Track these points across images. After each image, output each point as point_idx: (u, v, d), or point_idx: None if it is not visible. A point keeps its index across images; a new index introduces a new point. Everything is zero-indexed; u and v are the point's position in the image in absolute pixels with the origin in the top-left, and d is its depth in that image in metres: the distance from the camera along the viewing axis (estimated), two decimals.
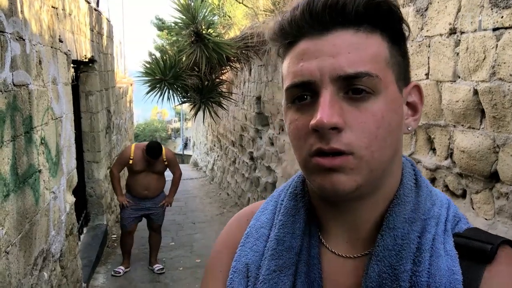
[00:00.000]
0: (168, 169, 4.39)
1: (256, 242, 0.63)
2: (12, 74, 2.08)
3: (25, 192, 2.25)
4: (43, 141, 2.62)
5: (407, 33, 0.57)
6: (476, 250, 0.53)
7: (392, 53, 0.55)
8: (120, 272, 4.32)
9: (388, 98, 0.53)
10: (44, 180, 2.62)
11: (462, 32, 1.98)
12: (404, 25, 0.56)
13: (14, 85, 2.11)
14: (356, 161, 0.51)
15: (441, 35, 2.11)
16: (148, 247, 4.59)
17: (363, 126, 0.51)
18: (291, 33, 0.55)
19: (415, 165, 0.62)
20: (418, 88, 0.59)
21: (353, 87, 0.51)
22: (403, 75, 0.57)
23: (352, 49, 0.52)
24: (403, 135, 0.59)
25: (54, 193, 2.85)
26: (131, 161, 4.17)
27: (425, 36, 2.24)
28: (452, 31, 2.04)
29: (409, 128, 0.58)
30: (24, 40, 2.29)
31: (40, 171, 2.54)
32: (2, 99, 1.94)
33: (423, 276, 0.51)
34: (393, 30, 0.55)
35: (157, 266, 4.45)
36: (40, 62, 2.59)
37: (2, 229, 1.88)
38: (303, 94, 0.54)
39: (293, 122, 0.55)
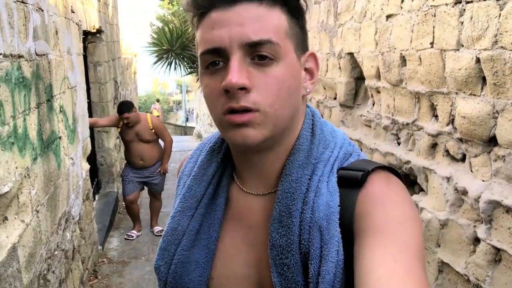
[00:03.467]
0: (159, 137, 4.47)
1: (179, 188, 0.78)
2: (35, 44, 2.17)
3: (49, 157, 2.39)
4: (61, 109, 2.73)
5: (305, 8, 0.66)
6: (351, 178, 0.63)
7: (291, 25, 0.63)
8: (133, 236, 4.53)
9: (288, 64, 0.61)
10: (63, 147, 2.75)
11: (467, 2, 2.04)
12: (301, 0, 0.65)
13: (37, 54, 2.20)
14: (262, 117, 0.60)
15: (446, 4, 2.18)
16: (155, 212, 4.79)
17: (267, 88, 0.60)
18: (202, 5, 0.62)
19: (316, 115, 0.71)
20: (314, 55, 0.68)
21: (258, 54, 0.59)
22: (301, 45, 0.65)
23: (256, 20, 0.59)
24: (301, 96, 0.67)
25: (72, 159, 2.99)
26: (119, 129, 4.37)
27: (430, 6, 2.30)
28: (458, 1, 2.10)
29: (307, 90, 0.67)
30: (43, 10, 2.36)
31: (60, 137, 2.67)
32: (28, 67, 2.05)
33: (308, 213, 0.62)
34: (290, 5, 0.63)
35: (156, 228, 4.70)
36: (56, 33, 2.67)
37: (33, 189, 2.02)
38: (215, 60, 0.61)
39: (207, 86, 0.63)
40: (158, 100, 19.06)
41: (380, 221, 0.58)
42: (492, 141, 2.04)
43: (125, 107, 4.21)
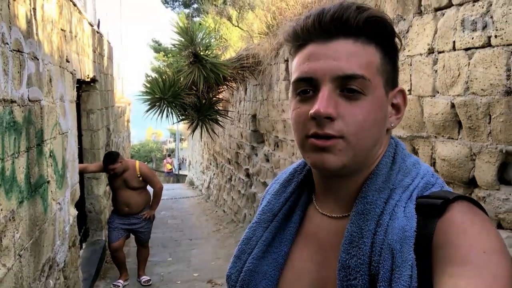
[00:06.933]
0: (148, 184, 4.46)
1: (261, 205, 0.82)
2: (28, 90, 2.25)
3: (36, 200, 2.39)
4: (51, 154, 2.77)
5: (399, 46, 0.70)
6: (430, 206, 0.62)
7: (383, 62, 0.67)
8: (119, 286, 4.39)
9: (376, 98, 0.65)
10: (51, 191, 2.76)
11: (439, 52, 2.19)
12: (397, 39, 0.69)
13: (29, 100, 2.28)
14: (344, 144, 0.63)
15: (421, 54, 2.32)
16: (143, 261, 4.68)
17: (353, 117, 0.63)
18: (302, 37, 0.67)
19: (399, 146, 0.72)
20: (402, 92, 0.71)
21: (347, 87, 0.63)
22: (390, 81, 0.69)
23: (351, 55, 0.64)
24: (385, 130, 0.70)
25: (60, 204, 2.98)
26: (108, 175, 4.43)
27: (407, 56, 2.45)
28: (430, 51, 2.25)
29: (392, 125, 0.70)
30: (38, 59, 2.47)
31: (48, 182, 2.68)
32: (20, 112, 2.11)
33: (381, 235, 0.61)
34: (385, 43, 0.67)
35: (143, 278, 4.57)
36: (50, 80, 2.77)
37: (17, 232, 2.01)
38: (307, 88, 0.66)
39: (295, 109, 0.68)
40: (169, 155, 22.58)
41: (462, 250, 0.56)
42: (472, 183, 2.09)
43: (109, 159, 4.22)
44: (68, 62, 3.43)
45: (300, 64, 0.67)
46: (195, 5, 14.63)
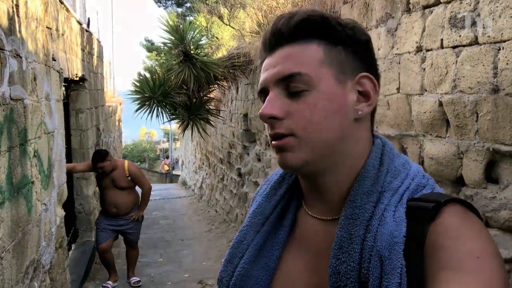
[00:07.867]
0: (137, 184, 4.39)
1: (252, 207, 0.82)
2: (10, 89, 2.20)
3: (19, 201, 2.34)
4: (36, 154, 2.72)
5: (352, 35, 0.68)
6: (421, 209, 0.61)
7: (329, 54, 0.67)
8: (108, 287, 4.34)
9: (323, 90, 0.65)
10: (36, 192, 2.71)
11: (427, 50, 2.17)
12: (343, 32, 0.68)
13: (11, 99, 2.23)
14: (297, 140, 0.65)
15: (409, 52, 2.31)
16: (132, 262, 4.64)
17: (299, 113, 0.65)
18: (260, 56, 0.74)
19: (387, 146, 0.71)
20: (368, 78, 0.68)
21: (291, 86, 0.66)
22: (350, 69, 0.67)
23: (288, 58, 0.67)
24: (351, 119, 0.67)
25: (45, 205, 2.93)
26: (95, 173, 4.40)
27: (395, 54, 2.43)
28: (419, 49, 2.23)
29: (359, 113, 0.67)
30: (21, 57, 2.42)
31: (33, 182, 2.63)
32: (0, 111, 2.06)
33: (370, 241, 0.60)
34: (328, 37, 0.67)
35: (133, 279, 4.53)
36: (35, 79, 2.72)
37: None
38: (264, 98, 0.70)
39: None
40: (167, 157, 23.32)
41: (455, 255, 0.56)
42: (459, 181, 2.08)
43: (98, 157, 4.15)
44: (55, 60, 3.38)
45: (260, 79, 0.72)
46: (188, 4, 14.57)
